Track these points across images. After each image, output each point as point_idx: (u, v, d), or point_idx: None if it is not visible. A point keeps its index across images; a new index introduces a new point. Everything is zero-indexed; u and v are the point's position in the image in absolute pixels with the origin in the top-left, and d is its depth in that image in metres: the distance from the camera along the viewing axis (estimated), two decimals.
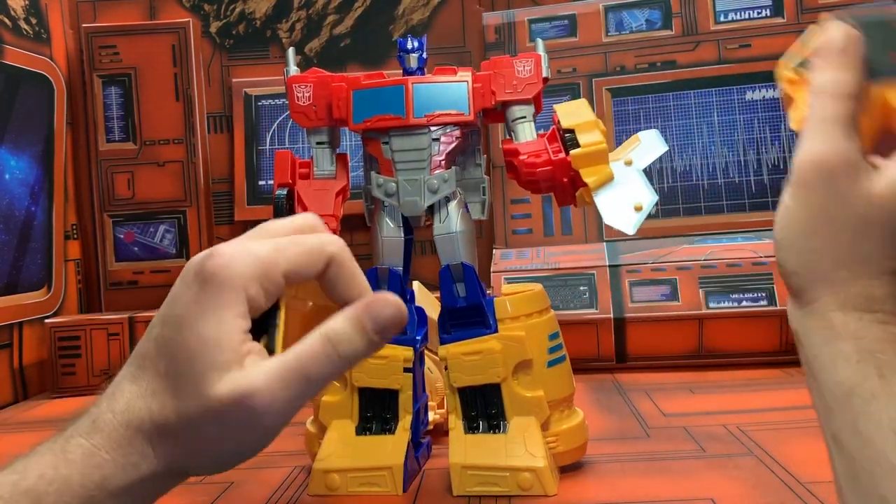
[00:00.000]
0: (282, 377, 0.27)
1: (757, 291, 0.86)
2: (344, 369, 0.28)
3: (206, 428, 0.27)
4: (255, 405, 0.26)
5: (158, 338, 0.28)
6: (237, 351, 0.27)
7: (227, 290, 0.27)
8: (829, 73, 0.29)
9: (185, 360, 0.27)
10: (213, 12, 1.13)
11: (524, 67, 0.54)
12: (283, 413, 0.27)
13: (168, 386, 0.27)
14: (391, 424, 0.54)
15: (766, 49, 0.99)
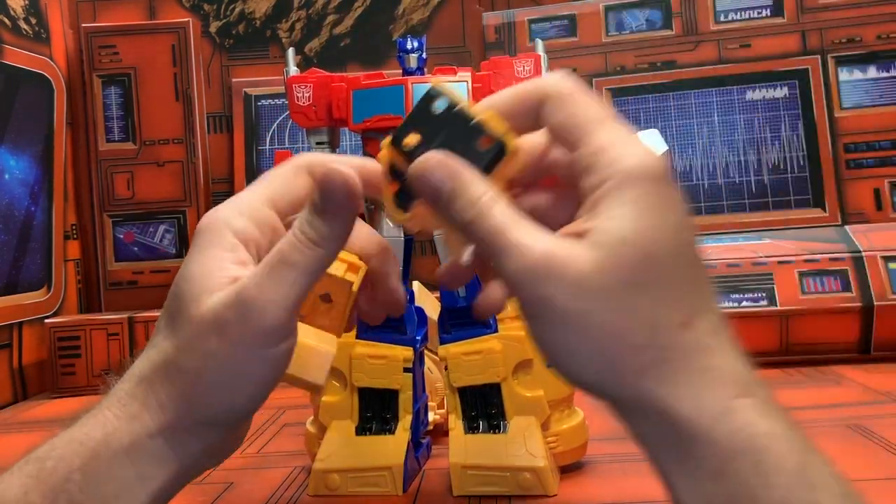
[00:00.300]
0: (264, 268, 0.27)
1: (757, 292, 0.86)
2: (322, 251, 0.27)
3: (204, 344, 0.26)
4: (245, 298, 0.26)
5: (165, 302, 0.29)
6: (228, 276, 0.27)
7: (210, 232, 0.28)
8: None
9: (177, 299, 0.27)
10: (212, 12, 1.13)
11: (524, 68, 0.54)
12: (277, 302, 0.26)
13: (165, 329, 0.28)
14: (391, 425, 0.54)
15: (767, 49, 0.99)
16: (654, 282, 0.24)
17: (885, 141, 0.95)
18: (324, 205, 0.27)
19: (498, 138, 0.26)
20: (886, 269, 0.85)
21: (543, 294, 0.24)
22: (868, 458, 0.53)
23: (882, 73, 0.96)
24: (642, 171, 0.24)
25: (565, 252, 0.24)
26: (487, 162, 0.26)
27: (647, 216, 0.24)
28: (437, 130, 0.26)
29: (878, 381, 0.75)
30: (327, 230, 0.27)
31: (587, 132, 0.25)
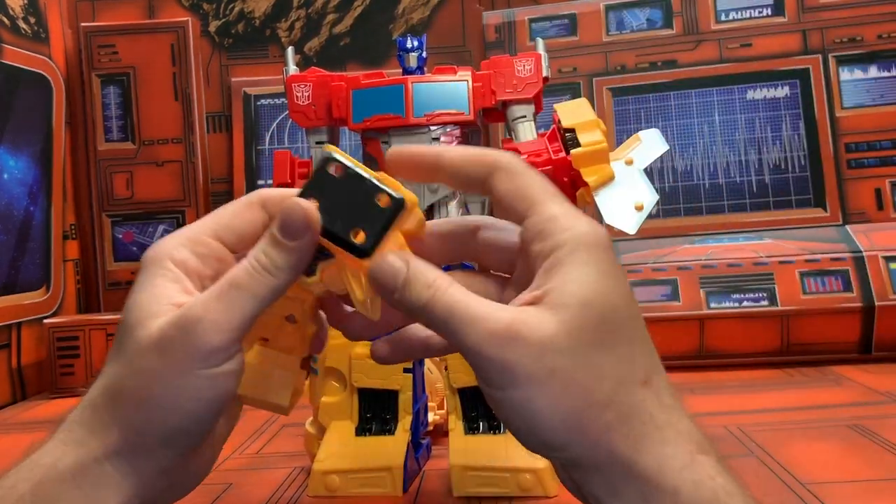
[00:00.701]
0: (213, 290, 0.27)
1: (758, 292, 0.86)
2: (275, 281, 0.27)
3: (147, 364, 0.26)
4: (190, 317, 0.26)
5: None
6: (174, 302, 0.27)
7: (153, 265, 0.28)
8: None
9: (123, 326, 0.28)
10: (212, 11, 1.13)
11: (524, 67, 0.54)
12: (222, 324, 0.26)
13: (113, 355, 0.28)
14: (391, 425, 0.53)
15: (768, 48, 0.99)
16: (617, 341, 0.25)
17: (885, 140, 0.95)
18: (283, 235, 0.27)
19: (395, 195, 0.27)
20: (887, 268, 0.85)
21: (510, 359, 0.24)
22: (869, 459, 0.53)
23: (883, 72, 0.96)
24: (595, 239, 0.26)
25: (528, 317, 0.25)
26: (388, 218, 0.27)
27: (604, 280, 0.25)
28: (335, 194, 0.27)
29: (879, 382, 0.75)
30: (283, 260, 0.27)
31: (538, 202, 0.27)
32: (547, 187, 0.27)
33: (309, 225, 0.27)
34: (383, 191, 0.27)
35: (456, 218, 0.31)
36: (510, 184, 0.27)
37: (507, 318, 0.25)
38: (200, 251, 0.28)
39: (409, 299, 0.26)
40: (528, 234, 0.27)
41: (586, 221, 0.26)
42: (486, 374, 0.25)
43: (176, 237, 0.29)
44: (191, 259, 0.28)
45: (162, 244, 0.29)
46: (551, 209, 0.26)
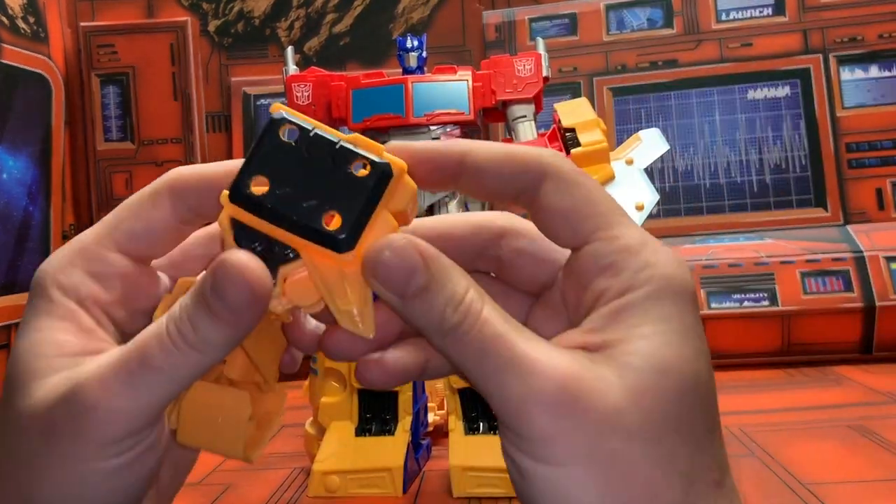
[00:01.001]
0: (117, 366, 0.20)
1: (759, 292, 0.86)
2: (205, 358, 0.20)
3: (28, 447, 0.20)
4: (82, 401, 0.19)
5: None
6: (65, 353, 0.21)
7: (39, 294, 0.22)
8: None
9: (6, 381, 0.21)
10: (211, 11, 1.12)
11: (524, 66, 0.53)
12: (128, 412, 0.20)
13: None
14: (391, 426, 0.53)
15: (769, 48, 0.99)
16: (695, 425, 0.19)
17: (886, 140, 0.95)
18: (217, 306, 0.19)
19: (377, 160, 0.20)
20: (888, 269, 0.85)
21: (562, 429, 0.18)
22: (869, 459, 0.53)
23: (884, 72, 0.96)
24: (682, 285, 0.20)
25: (591, 375, 0.19)
26: (371, 193, 0.19)
27: (687, 343, 0.20)
28: (291, 167, 0.20)
29: (880, 382, 0.75)
30: (214, 335, 0.20)
31: (607, 224, 0.21)
32: (614, 203, 0.21)
33: (256, 296, 0.19)
34: (361, 156, 0.20)
35: (472, 216, 0.23)
36: (566, 197, 0.21)
37: (565, 374, 0.19)
38: (98, 270, 0.22)
39: (428, 314, 0.20)
40: (590, 262, 0.21)
41: (671, 259, 0.20)
42: (522, 439, 0.19)
43: (64, 252, 0.22)
44: (85, 283, 0.22)
45: (49, 264, 0.22)
46: (625, 236, 0.20)
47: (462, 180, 0.22)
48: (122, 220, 0.22)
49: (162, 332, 0.20)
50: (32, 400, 0.20)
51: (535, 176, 0.21)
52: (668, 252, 0.21)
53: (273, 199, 0.19)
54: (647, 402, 0.19)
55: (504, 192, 0.22)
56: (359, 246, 0.19)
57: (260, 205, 0.20)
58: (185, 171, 0.22)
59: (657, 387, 0.19)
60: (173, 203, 0.22)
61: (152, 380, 0.20)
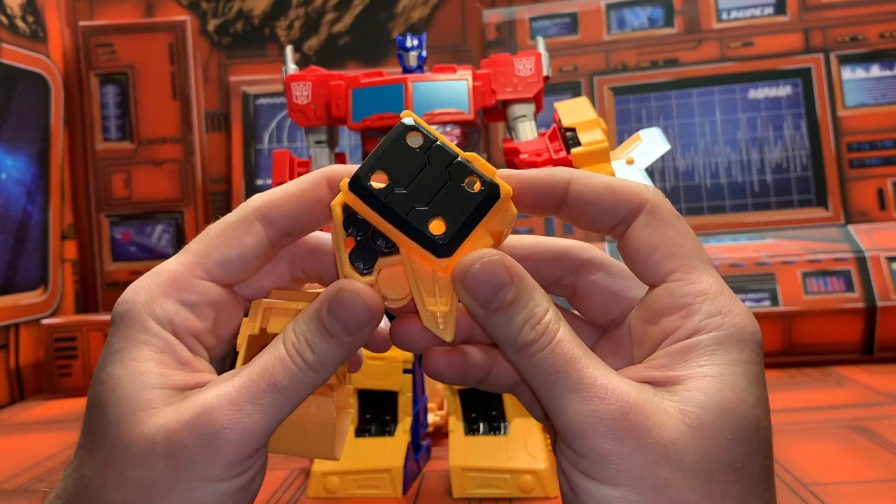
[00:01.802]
0: (247, 389, 0.21)
1: (760, 292, 0.85)
2: (322, 377, 0.22)
3: (145, 473, 0.20)
4: (214, 423, 0.20)
5: (87, 400, 0.23)
6: (169, 386, 0.21)
7: (130, 325, 0.22)
8: None
9: (100, 414, 0.21)
10: (210, 10, 1.12)
11: (525, 66, 0.53)
12: (255, 431, 0.21)
13: (84, 450, 0.22)
14: (391, 426, 0.53)
15: (769, 47, 0.99)
16: (749, 468, 0.20)
17: (888, 140, 0.95)
18: (335, 329, 0.21)
19: (490, 181, 0.21)
20: (890, 269, 0.84)
21: (619, 451, 0.19)
22: (870, 459, 0.52)
23: (885, 71, 0.96)
24: (751, 336, 0.21)
25: (653, 406, 0.20)
26: (477, 208, 0.21)
27: (751, 389, 0.20)
28: (410, 170, 0.21)
29: (881, 382, 0.75)
30: (331, 357, 0.22)
31: (689, 267, 0.22)
32: (699, 248, 0.22)
33: (372, 318, 0.21)
34: (475, 173, 0.21)
35: (558, 242, 0.24)
36: (657, 234, 0.22)
37: (627, 398, 0.20)
38: (190, 299, 0.23)
39: (507, 328, 0.21)
40: (665, 300, 0.22)
41: (744, 309, 0.21)
42: (580, 456, 0.20)
43: (155, 281, 0.22)
44: (179, 313, 0.22)
45: (138, 294, 0.22)
46: (704, 281, 0.21)
47: (564, 209, 0.23)
48: (213, 248, 0.23)
49: (284, 356, 0.21)
50: (148, 429, 0.21)
51: (633, 209, 0.22)
52: (742, 304, 0.21)
53: (388, 195, 0.21)
54: (705, 439, 0.19)
55: (602, 223, 0.23)
56: (456, 254, 0.21)
57: (375, 197, 0.21)
58: (271, 196, 0.23)
59: (716, 426, 0.19)
60: (264, 227, 0.23)
61: (277, 399, 0.21)
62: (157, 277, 0.23)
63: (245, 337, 0.23)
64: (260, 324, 0.23)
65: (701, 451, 0.19)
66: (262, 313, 0.23)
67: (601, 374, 0.20)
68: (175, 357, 0.22)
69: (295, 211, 0.23)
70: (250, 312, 0.24)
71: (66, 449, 0.68)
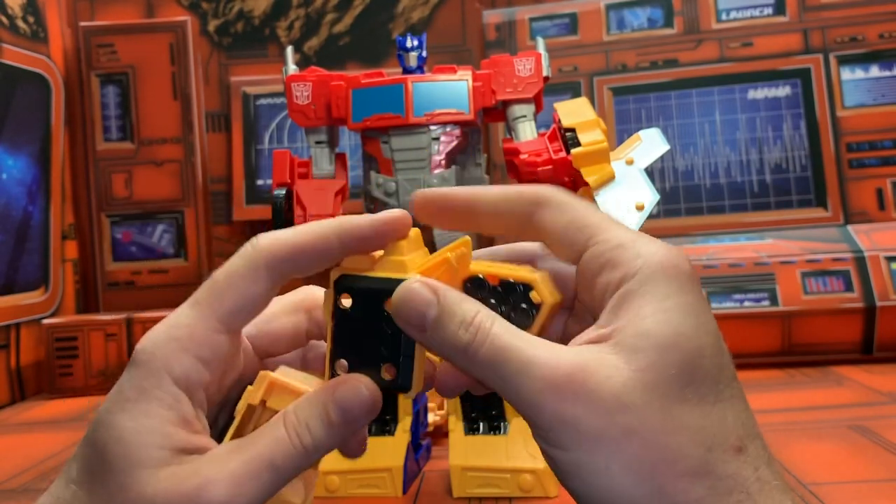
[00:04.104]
0: (246, 468, 0.22)
1: (759, 292, 0.85)
2: (312, 461, 0.23)
3: None
4: (210, 498, 0.21)
5: (83, 439, 0.23)
6: (170, 446, 0.22)
7: (146, 375, 0.23)
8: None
9: (102, 460, 0.22)
10: (211, 10, 1.12)
11: (524, 66, 0.53)
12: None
13: (81, 490, 0.22)
14: (390, 426, 0.53)
15: (769, 48, 0.99)
16: (704, 395, 0.20)
17: (887, 140, 0.95)
18: (338, 420, 0.23)
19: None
20: (889, 269, 0.84)
21: (574, 414, 0.20)
22: (870, 459, 0.52)
23: (884, 71, 0.96)
24: (675, 266, 0.21)
25: (594, 362, 0.20)
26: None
27: (687, 318, 0.21)
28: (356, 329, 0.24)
29: (881, 382, 0.75)
30: (327, 443, 0.23)
31: (602, 229, 0.23)
32: (604, 214, 0.24)
33: (374, 409, 0.24)
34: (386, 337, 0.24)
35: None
36: (562, 216, 0.24)
37: (568, 363, 0.21)
38: (205, 356, 0.23)
39: (444, 340, 0.22)
40: (592, 264, 0.23)
41: (663, 246, 0.22)
42: (545, 431, 0.21)
43: (176, 336, 0.23)
44: (196, 369, 0.23)
45: (158, 347, 0.23)
46: (618, 235, 0.22)
47: (475, 220, 0.25)
48: (225, 298, 0.24)
49: (285, 439, 0.23)
50: (148, 490, 0.21)
51: (532, 206, 0.24)
52: (661, 243, 0.22)
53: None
54: (651, 377, 0.20)
55: (512, 225, 0.25)
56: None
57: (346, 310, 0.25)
58: (279, 246, 0.24)
59: (659, 363, 0.20)
60: (271, 276, 0.24)
61: (273, 478, 0.22)
62: (175, 331, 0.23)
63: (245, 404, 0.25)
64: (262, 396, 0.25)
65: (650, 390, 0.20)
66: (266, 386, 0.25)
67: (541, 351, 0.21)
68: (180, 415, 0.23)
69: (303, 262, 0.24)
70: (255, 382, 0.25)
71: (66, 449, 0.68)
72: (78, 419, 0.80)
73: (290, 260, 0.24)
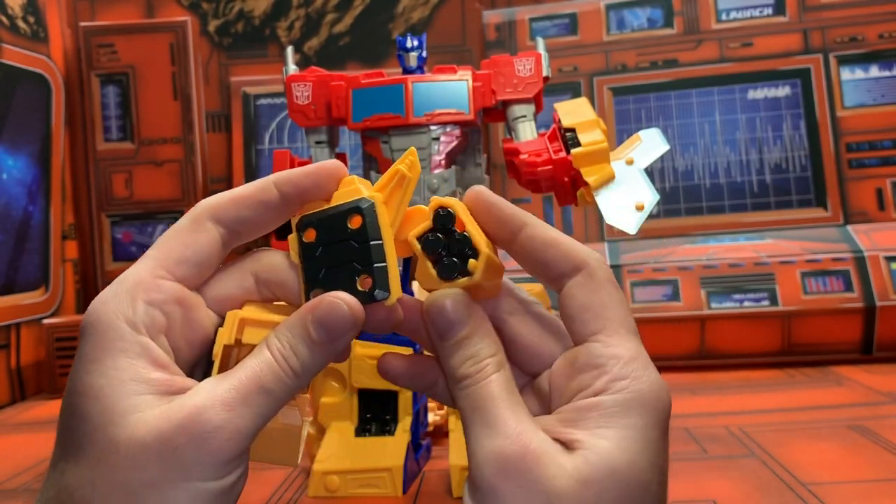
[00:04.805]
0: (238, 391, 0.22)
1: (759, 292, 0.85)
2: (302, 382, 0.23)
3: (136, 474, 0.21)
4: (206, 422, 0.21)
5: (58, 420, 0.23)
6: (153, 387, 0.22)
7: (103, 334, 0.22)
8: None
9: (81, 422, 0.21)
10: (211, 10, 1.12)
11: (524, 66, 0.53)
12: (243, 431, 0.22)
13: (64, 461, 0.22)
14: (391, 426, 0.53)
15: (768, 48, 0.99)
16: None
17: (887, 140, 0.95)
18: (320, 338, 0.23)
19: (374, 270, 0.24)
20: (888, 269, 0.85)
21: (506, 489, 0.21)
22: (870, 459, 0.52)
23: (884, 72, 0.96)
24: (655, 402, 0.22)
25: (549, 460, 0.21)
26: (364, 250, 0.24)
27: (645, 453, 0.22)
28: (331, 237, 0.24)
29: (880, 382, 0.75)
30: (314, 363, 0.23)
31: (611, 331, 0.23)
32: (626, 315, 0.24)
33: (355, 324, 0.23)
34: (370, 265, 0.24)
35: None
36: (590, 295, 0.24)
37: (526, 444, 0.21)
38: (157, 298, 0.23)
39: (453, 359, 0.24)
40: (582, 359, 0.23)
41: (654, 378, 0.23)
42: (475, 488, 0.22)
43: (122, 288, 0.23)
44: (149, 313, 0.23)
45: (107, 303, 0.22)
46: (621, 346, 0.23)
47: (513, 244, 0.25)
48: (170, 248, 0.24)
49: (272, 361, 0.23)
50: (137, 430, 0.21)
51: (573, 268, 0.24)
52: (654, 372, 0.23)
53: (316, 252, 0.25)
54: (590, 494, 0.21)
55: (542, 270, 0.25)
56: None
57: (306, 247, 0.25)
58: (221, 197, 0.25)
59: (601, 484, 0.21)
60: (215, 227, 0.24)
61: (265, 402, 0.22)
62: (122, 284, 0.23)
63: (220, 346, 0.24)
64: (235, 334, 0.24)
65: (581, 501, 0.21)
66: (238, 324, 0.24)
67: (514, 417, 0.22)
68: (152, 360, 0.22)
69: (243, 212, 0.25)
70: (226, 323, 0.25)
71: None
72: None
73: (232, 211, 0.24)
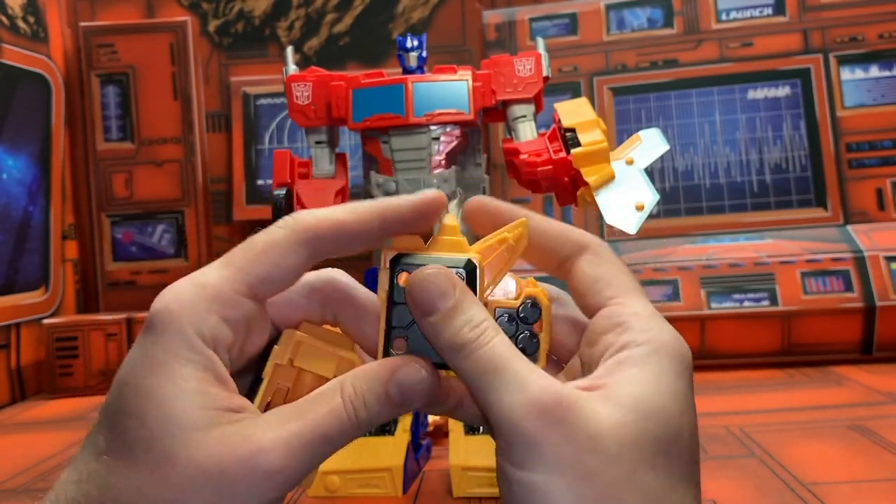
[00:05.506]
0: (302, 437, 0.22)
1: (759, 292, 0.85)
2: (361, 434, 0.23)
3: (193, 496, 0.20)
4: (263, 464, 0.21)
5: (104, 408, 0.22)
6: (216, 406, 0.22)
7: (173, 336, 0.22)
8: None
9: (139, 423, 0.21)
10: (211, 10, 1.12)
11: (524, 66, 0.53)
12: (300, 474, 0.22)
13: (116, 458, 0.21)
14: (390, 426, 0.53)
15: (769, 48, 0.99)
16: (670, 469, 0.21)
17: (887, 140, 0.95)
18: (397, 400, 0.23)
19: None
20: (889, 269, 0.85)
21: (548, 438, 0.21)
22: (869, 460, 0.52)
23: (884, 72, 0.96)
24: (678, 352, 0.23)
25: (583, 401, 0.21)
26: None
27: (674, 400, 0.22)
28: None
29: (880, 382, 0.75)
30: (378, 419, 0.23)
31: (625, 292, 0.25)
32: (634, 282, 0.25)
33: (432, 393, 0.24)
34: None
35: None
36: (598, 268, 0.25)
37: (558, 391, 0.21)
38: (231, 316, 0.23)
39: (447, 332, 0.23)
40: (604, 321, 0.24)
41: (674, 332, 0.24)
42: (512, 445, 0.22)
43: (200, 294, 0.22)
44: (221, 329, 0.22)
45: (183, 305, 0.22)
46: (638, 304, 0.24)
47: None
48: (260, 263, 0.23)
49: (340, 411, 0.23)
50: (198, 453, 0.21)
51: (576, 249, 0.26)
52: (671, 327, 0.24)
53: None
54: (628, 435, 0.21)
55: (549, 259, 0.27)
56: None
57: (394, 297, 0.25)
58: (321, 223, 0.24)
59: (638, 426, 0.21)
60: (308, 251, 0.24)
61: (325, 450, 0.22)
62: (201, 290, 0.22)
63: (273, 365, 0.24)
64: (289, 355, 0.25)
65: (625, 445, 0.21)
66: (294, 346, 0.25)
67: (535, 371, 0.22)
68: (215, 375, 0.22)
69: (342, 241, 0.24)
70: (281, 341, 0.25)
71: (67, 448, 0.68)
72: (78, 419, 0.80)
73: (331, 238, 0.24)
